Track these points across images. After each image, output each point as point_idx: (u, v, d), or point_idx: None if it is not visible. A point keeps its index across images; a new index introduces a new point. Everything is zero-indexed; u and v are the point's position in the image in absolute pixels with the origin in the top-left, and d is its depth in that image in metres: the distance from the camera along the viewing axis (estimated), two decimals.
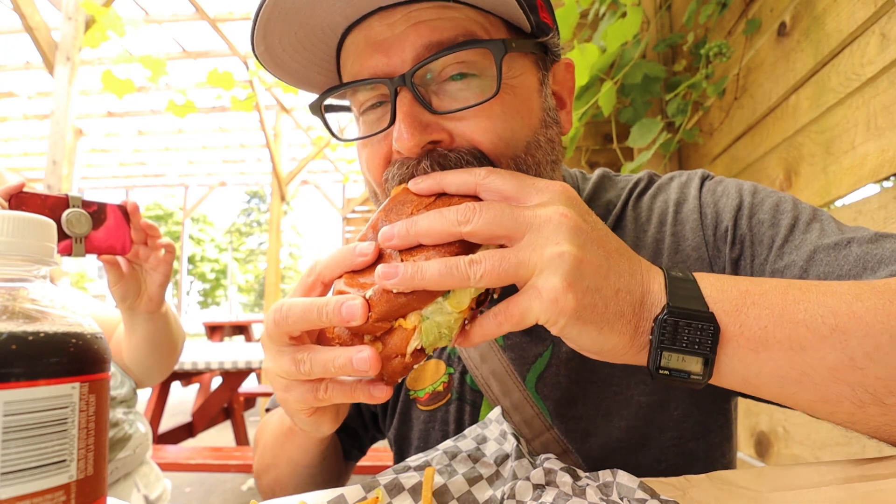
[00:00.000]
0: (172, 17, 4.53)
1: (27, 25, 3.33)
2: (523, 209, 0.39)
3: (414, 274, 0.37)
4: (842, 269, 0.48)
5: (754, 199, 0.57)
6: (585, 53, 1.49)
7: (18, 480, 0.27)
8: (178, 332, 1.09)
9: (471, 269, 0.37)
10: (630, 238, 0.61)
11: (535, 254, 0.37)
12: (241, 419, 3.65)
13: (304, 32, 0.49)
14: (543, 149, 0.53)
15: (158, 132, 7.60)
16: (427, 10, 0.47)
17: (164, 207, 26.60)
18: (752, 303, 0.39)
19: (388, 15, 0.48)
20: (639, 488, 0.41)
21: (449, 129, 0.48)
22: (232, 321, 7.04)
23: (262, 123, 5.49)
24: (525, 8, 0.47)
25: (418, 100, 0.47)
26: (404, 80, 0.47)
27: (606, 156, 2.08)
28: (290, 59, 0.52)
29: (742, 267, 0.55)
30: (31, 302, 0.31)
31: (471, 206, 0.39)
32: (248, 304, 30.41)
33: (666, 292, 0.39)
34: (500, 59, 0.47)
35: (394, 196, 0.46)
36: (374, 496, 0.43)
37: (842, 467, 0.43)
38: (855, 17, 0.99)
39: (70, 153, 3.31)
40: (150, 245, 0.92)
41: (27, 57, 5.44)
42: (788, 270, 0.51)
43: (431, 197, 0.44)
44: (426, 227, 0.39)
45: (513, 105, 0.50)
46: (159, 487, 1.08)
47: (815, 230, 0.52)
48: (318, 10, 0.47)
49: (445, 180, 0.43)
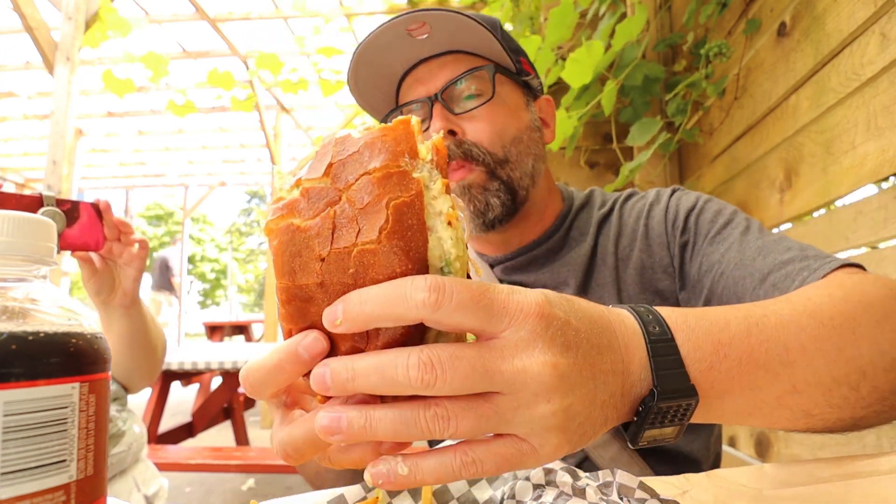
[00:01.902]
0: (172, 17, 4.53)
1: (27, 25, 3.33)
2: (499, 362, 0.30)
3: (362, 429, 0.30)
4: (744, 254, 0.65)
5: (705, 205, 0.75)
6: (591, 50, 1.49)
7: (18, 480, 0.27)
8: (155, 332, 1.11)
9: (436, 425, 0.29)
10: (614, 228, 0.80)
11: (520, 414, 0.31)
12: (241, 419, 3.65)
13: (378, 75, 0.79)
14: (526, 144, 0.78)
15: (158, 132, 7.58)
16: (448, 60, 0.77)
17: (164, 207, 26.58)
18: (723, 356, 0.39)
19: (427, 64, 0.77)
20: (639, 488, 0.41)
21: (462, 126, 0.74)
22: (232, 321, 7.04)
23: (262, 123, 5.49)
24: (510, 54, 0.75)
25: (444, 106, 0.75)
26: (437, 96, 0.75)
27: (606, 155, 2.07)
28: (370, 91, 0.81)
29: (686, 250, 0.73)
30: (31, 302, 0.31)
31: (429, 364, 0.29)
32: (248, 304, 30.42)
33: (651, 370, 0.36)
34: (493, 76, 0.74)
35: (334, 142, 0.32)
36: (374, 496, 0.43)
37: (841, 464, 0.43)
38: (855, 17, 0.99)
39: (70, 153, 3.31)
40: (123, 241, 0.96)
41: (27, 57, 5.43)
42: (715, 254, 0.68)
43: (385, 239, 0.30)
44: (370, 381, 0.29)
45: (504, 112, 0.76)
46: (155, 485, 1.09)
47: (740, 229, 0.69)
48: (386, 60, 0.77)
49: (372, 316, 0.29)
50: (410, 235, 0.30)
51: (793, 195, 1.24)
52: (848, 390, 0.43)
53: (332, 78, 5.11)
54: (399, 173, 0.30)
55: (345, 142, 0.31)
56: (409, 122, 0.31)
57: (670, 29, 1.94)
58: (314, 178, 0.31)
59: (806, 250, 0.60)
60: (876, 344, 0.44)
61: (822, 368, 0.42)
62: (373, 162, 0.30)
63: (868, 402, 0.44)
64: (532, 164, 0.78)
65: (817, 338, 0.42)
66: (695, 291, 0.71)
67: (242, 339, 7.58)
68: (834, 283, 0.50)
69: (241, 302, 30.38)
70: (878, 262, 0.95)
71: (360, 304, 0.29)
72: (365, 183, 0.30)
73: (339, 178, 0.30)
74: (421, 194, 0.30)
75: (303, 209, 0.31)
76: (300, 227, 0.30)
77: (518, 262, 0.82)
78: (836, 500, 0.40)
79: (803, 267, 0.57)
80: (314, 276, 0.30)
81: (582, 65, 1.51)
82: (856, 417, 0.44)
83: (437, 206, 0.31)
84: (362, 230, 0.29)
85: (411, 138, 0.31)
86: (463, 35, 0.73)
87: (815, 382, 0.42)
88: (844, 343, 0.43)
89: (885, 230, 0.93)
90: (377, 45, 0.74)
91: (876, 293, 0.48)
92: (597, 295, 0.77)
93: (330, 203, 0.30)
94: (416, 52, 0.76)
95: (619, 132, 1.79)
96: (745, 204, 1.48)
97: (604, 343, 0.34)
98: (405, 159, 0.30)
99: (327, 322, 0.30)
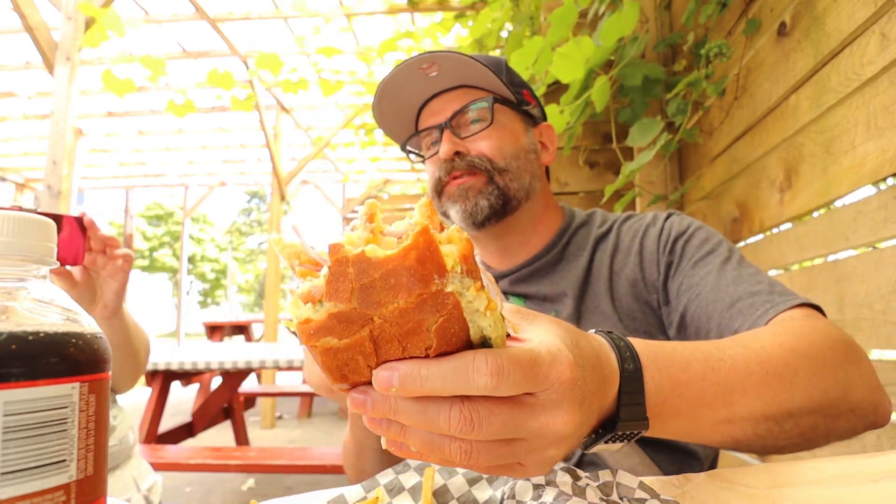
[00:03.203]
0: (172, 17, 4.52)
1: (27, 25, 3.33)
2: (528, 418, 0.34)
3: (395, 439, 0.35)
4: (720, 281, 0.72)
5: (695, 232, 0.82)
6: (581, 46, 1.48)
7: (18, 480, 0.27)
8: (137, 336, 1.11)
9: (458, 456, 0.34)
10: (611, 244, 0.88)
11: (532, 455, 0.36)
12: (241, 419, 3.65)
13: (398, 108, 0.91)
14: (524, 161, 0.88)
15: (158, 132, 7.58)
16: (457, 93, 0.88)
17: (164, 207, 26.58)
18: (678, 394, 0.46)
19: (439, 98, 0.89)
20: (639, 488, 0.41)
21: (468, 146, 0.86)
22: (232, 321, 7.04)
23: (262, 123, 5.48)
24: (511, 87, 0.87)
25: (452, 132, 0.87)
26: (446, 123, 0.87)
27: (606, 155, 2.07)
28: (392, 120, 0.94)
29: (670, 269, 0.80)
30: (31, 302, 0.31)
31: (468, 419, 0.32)
32: (248, 304, 30.40)
33: (618, 402, 0.43)
34: (492, 105, 0.86)
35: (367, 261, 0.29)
36: (374, 496, 0.43)
37: (840, 463, 0.43)
38: (855, 17, 0.99)
39: (70, 153, 3.31)
40: (108, 254, 0.95)
41: (27, 57, 5.42)
42: (696, 276, 0.76)
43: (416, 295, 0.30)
44: (412, 419, 0.33)
45: (503, 134, 0.87)
46: (149, 480, 1.09)
47: (721, 258, 0.76)
48: (404, 95, 0.89)
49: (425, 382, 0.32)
50: (453, 337, 0.31)
51: (793, 195, 1.24)
52: (773, 425, 0.51)
53: (332, 78, 5.11)
54: (432, 296, 0.29)
55: (361, 263, 0.29)
56: (428, 231, 0.29)
57: (670, 29, 1.94)
58: (339, 304, 0.30)
59: (774, 286, 0.69)
60: (807, 392, 0.52)
61: (756, 408, 0.50)
62: (401, 292, 0.29)
63: (789, 435, 0.52)
64: (529, 181, 0.88)
65: (759, 384, 0.50)
66: (673, 307, 0.79)
67: (242, 339, 7.58)
68: (789, 331, 0.58)
69: (241, 302, 30.37)
70: (878, 262, 0.95)
71: (420, 379, 0.31)
72: (399, 313, 0.29)
73: (366, 302, 0.29)
74: (458, 304, 0.30)
75: (336, 330, 0.30)
76: (340, 347, 0.31)
77: (521, 275, 0.91)
78: (837, 499, 0.40)
79: (767, 300, 0.66)
80: (366, 375, 0.32)
81: (571, 60, 1.50)
82: (777, 446, 0.53)
83: (474, 305, 0.31)
84: (407, 348, 0.31)
85: (435, 253, 0.29)
86: (467, 71, 0.85)
87: (747, 417, 0.50)
88: (781, 390, 0.51)
89: (885, 230, 0.93)
90: (395, 83, 0.87)
91: (821, 344, 0.56)
92: (593, 304, 0.85)
93: (364, 324, 0.30)
94: (429, 88, 0.89)
95: (618, 132, 1.79)
96: (745, 204, 1.48)
97: (598, 381, 0.40)
98: (434, 280, 0.29)
99: (379, 385, 0.32)
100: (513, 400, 0.34)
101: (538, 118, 0.95)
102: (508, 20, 2.52)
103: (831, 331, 0.59)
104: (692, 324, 0.75)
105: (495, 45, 2.78)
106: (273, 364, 2.73)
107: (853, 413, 0.55)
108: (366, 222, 0.31)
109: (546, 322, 0.39)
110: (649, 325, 0.82)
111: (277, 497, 0.44)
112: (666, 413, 0.46)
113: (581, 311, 0.85)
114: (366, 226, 0.31)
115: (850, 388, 0.55)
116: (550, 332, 0.38)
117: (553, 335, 0.37)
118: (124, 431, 1.06)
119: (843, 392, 0.54)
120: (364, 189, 9.27)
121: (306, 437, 4.51)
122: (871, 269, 0.97)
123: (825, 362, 0.54)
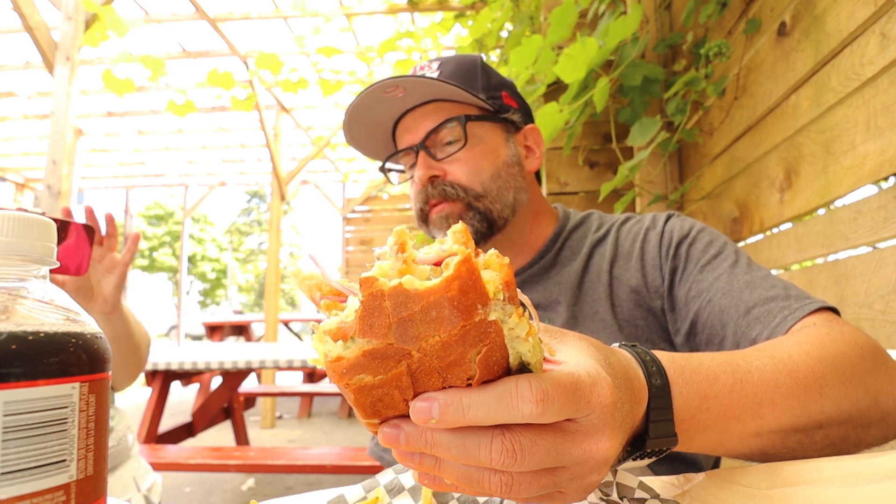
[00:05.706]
0: (172, 16, 4.52)
1: (27, 25, 3.33)
2: (570, 445, 0.32)
3: (430, 471, 0.33)
4: (732, 285, 0.69)
5: (698, 234, 0.79)
6: (586, 47, 1.48)
7: (18, 480, 0.27)
8: (139, 332, 1.08)
9: (499, 489, 0.32)
10: (610, 249, 0.85)
11: (573, 483, 0.34)
12: (241, 419, 3.65)
13: (370, 129, 0.89)
14: (505, 179, 0.85)
15: (158, 132, 7.57)
16: (430, 109, 0.84)
17: (164, 207, 26.57)
18: (706, 409, 0.45)
19: (412, 114, 0.86)
20: (638, 488, 0.41)
21: (444, 169, 0.83)
22: (232, 321, 7.03)
23: (262, 123, 5.48)
24: (484, 100, 0.83)
25: (427, 154, 0.84)
26: (421, 145, 0.84)
27: (605, 155, 2.07)
28: (366, 142, 0.92)
29: (676, 274, 0.78)
30: (31, 302, 0.31)
31: (511, 450, 0.30)
32: (248, 304, 30.39)
33: (647, 418, 0.42)
34: (464, 125, 0.82)
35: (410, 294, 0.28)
36: (374, 496, 0.43)
37: (840, 463, 0.43)
38: (855, 16, 0.99)
39: (70, 153, 3.31)
40: (106, 245, 0.90)
41: (27, 57, 5.42)
42: (704, 282, 0.73)
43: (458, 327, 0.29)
44: (451, 453, 0.31)
45: (480, 152, 0.84)
46: (148, 480, 1.09)
47: (729, 261, 0.73)
48: (374, 116, 0.86)
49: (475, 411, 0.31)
50: (495, 365, 0.30)
51: (793, 195, 1.24)
52: (803, 437, 0.50)
53: (332, 78, 5.11)
54: (475, 326, 0.28)
55: (399, 296, 0.27)
56: (471, 260, 0.27)
57: (670, 28, 1.94)
58: (373, 341, 0.28)
59: (789, 289, 0.67)
60: (837, 402, 0.50)
61: (785, 421, 0.49)
62: (444, 325, 0.27)
63: (819, 446, 0.51)
64: (513, 197, 0.86)
65: (788, 395, 0.49)
66: (681, 314, 0.76)
67: (242, 339, 7.57)
68: (814, 340, 0.55)
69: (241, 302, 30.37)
70: (878, 262, 0.95)
71: (461, 409, 0.30)
72: (441, 346, 0.28)
73: (404, 337, 0.28)
74: (500, 332, 0.29)
75: (371, 367, 0.29)
76: (374, 383, 0.30)
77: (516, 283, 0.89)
78: (837, 499, 0.40)
79: (785, 306, 0.64)
80: (402, 408, 0.31)
81: (576, 60, 1.50)
82: (806, 455, 0.51)
83: (515, 332, 0.30)
84: (448, 378, 0.30)
85: (478, 281, 0.28)
86: (435, 89, 0.81)
87: (776, 430, 0.49)
88: (810, 401, 0.49)
89: (885, 230, 0.93)
90: (362, 107, 0.84)
91: (848, 353, 0.54)
92: (591, 310, 0.82)
93: (402, 358, 0.29)
94: (397, 107, 0.85)
95: (618, 132, 1.79)
96: (745, 204, 1.48)
97: (631, 400, 0.39)
98: (478, 310, 0.28)
99: (417, 418, 0.30)
100: (555, 427, 0.32)
101: (520, 122, 0.90)
102: (508, 20, 2.52)
103: (858, 337, 0.57)
104: (704, 331, 0.72)
105: (495, 45, 2.78)
106: (273, 364, 2.73)
107: (884, 421, 0.53)
108: (397, 252, 0.29)
109: (576, 340, 0.38)
110: (651, 332, 0.79)
111: (277, 497, 0.44)
112: (694, 428, 0.45)
113: (577, 317, 0.82)
114: (397, 256, 0.29)
115: (881, 396, 0.53)
116: (583, 351, 0.36)
117: (587, 355, 0.36)
118: (122, 432, 1.06)
119: (873, 401, 0.52)
120: (364, 189, 9.26)
121: (306, 437, 4.51)
122: (871, 269, 0.97)
123: (854, 371, 0.53)
